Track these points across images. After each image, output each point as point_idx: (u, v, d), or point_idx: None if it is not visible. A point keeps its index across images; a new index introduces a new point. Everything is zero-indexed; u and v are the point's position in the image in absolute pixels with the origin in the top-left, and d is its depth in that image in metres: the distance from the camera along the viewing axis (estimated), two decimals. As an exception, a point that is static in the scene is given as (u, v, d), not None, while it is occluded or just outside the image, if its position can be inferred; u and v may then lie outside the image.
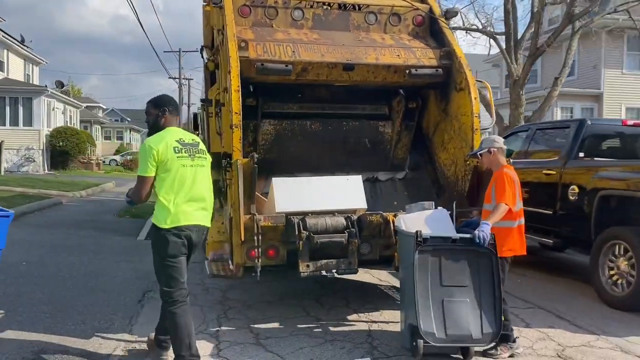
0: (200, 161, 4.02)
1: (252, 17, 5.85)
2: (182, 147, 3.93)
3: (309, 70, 5.55)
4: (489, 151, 4.72)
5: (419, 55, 5.82)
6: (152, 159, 3.82)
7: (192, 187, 3.91)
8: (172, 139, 3.93)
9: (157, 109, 4.11)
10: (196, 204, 3.96)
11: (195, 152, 4.00)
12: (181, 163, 3.88)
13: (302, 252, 4.75)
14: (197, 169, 3.97)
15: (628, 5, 14.23)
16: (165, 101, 4.17)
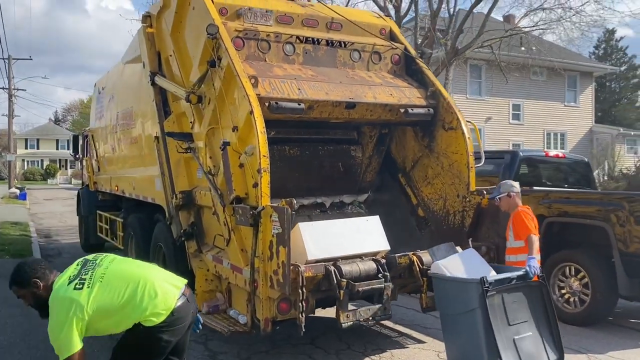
0: (104, 260, 3.41)
1: (245, 50, 5.53)
2: (79, 278, 3.22)
3: (314, 108, 5.41)
4: (508, 195, 5.05)
5: (409, 95, 6.00)
6: (77, 325, 3.08)
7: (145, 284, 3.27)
8: (70, 288, 3.17)
9: (27, 287, 3.29)
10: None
11: (91, 265, 3.34)
12: (100, 281, 3.22)
13: (343, 301, 4.59)
14: (117, 265, 3.40)
15: (492, 41, 16.03)
16: (26, 273, 3.31)
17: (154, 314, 3.22)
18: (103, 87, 10.57)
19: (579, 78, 29.71)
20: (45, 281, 3.29)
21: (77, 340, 3.09)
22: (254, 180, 4.76)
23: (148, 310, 3.21)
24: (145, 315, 3.20)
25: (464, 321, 4.52)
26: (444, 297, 4.76)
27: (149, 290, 3.25)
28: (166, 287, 3.34)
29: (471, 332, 4.41)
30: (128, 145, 8.50)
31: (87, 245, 11.98)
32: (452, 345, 4.76)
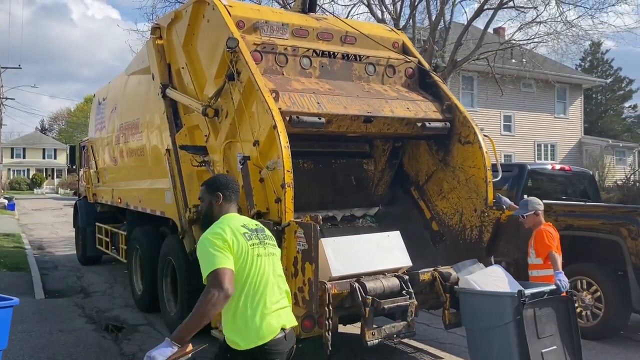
0: (272, 249, 3.15)
1: (263, 63, 5.49)
2: (250, 232, 3.05)
3: (333, 122, 5.37)
4: (535, 213, 5.07)
5: (424, 108, 5.98)
6: (224, 246, 2.87)
7: (271, 282, 3.01)
8: (237, 224, 3.06)
9: (211, 194, 3.23)
10: (277, 304, 3.01)
11: (264, 237, 3.14)
12: (256, 252, 2.99)
13: (368, 319, 4.53)
14: (271, 258, 3.10)
15: (488, 54, 16.17)
16: (220, 184, 3.28)
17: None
18: (104, 98, 10.47)
19: (568, 90, 30.10)
20: (225, 204, 3.19)
21: (224, 259, 2.83)
22: (276, 196, 4.70)
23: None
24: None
25: (496, 335, 4.50)
26: (473, 311, 4.74)
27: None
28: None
29: (503, 346, 4.39)
30: (133, 157, 8.40)
31: (85, 257, 11.81)
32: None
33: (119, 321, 7.39)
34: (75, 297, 8.93)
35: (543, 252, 5.02)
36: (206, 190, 3.26)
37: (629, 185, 17.30)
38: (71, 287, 9.70)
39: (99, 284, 9.92)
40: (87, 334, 6.78)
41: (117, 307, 8.17)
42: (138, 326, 7.17)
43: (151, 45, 7.18)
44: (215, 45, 5.74)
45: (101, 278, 10.48)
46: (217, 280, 2.76)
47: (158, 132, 7.25)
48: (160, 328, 7.00)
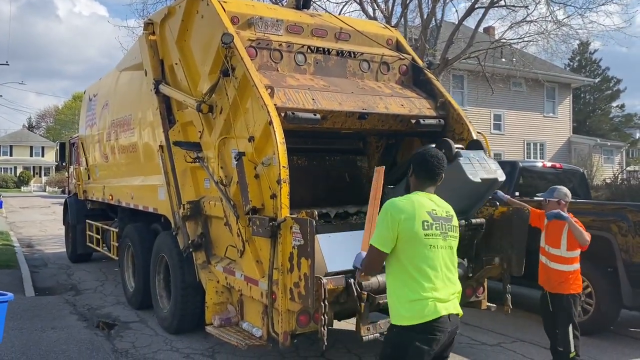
0: (452, 241, 3.12)
1: (258, 59, 5.48)
2: (433, 222, 3.03)
3: (328, 118, 5.38)
4: (559, 202, 5.11)
5: (419, 105, 6.01)
6: (390, 228, 2.98)
7: (441, 273, 3.02)
8: (424, 210, 3.05)
9: (411, 165, 3.29)
10: (444, 295, 3.03)
11: (449, 228, 3.10)
12: (430, 244, 3.01)
13: (364, 314, 4.54)
14: (448, 251, 3.09)
15: (479, 52, 16.25)
16: (419, 158, 3.25)
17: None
18: (95, 94, 10.39)
19: (557, 89, 30.32)
20: (415, 178, 3.24)
21: (387, 240, 3.00)
22: (272, 192, 4.70)
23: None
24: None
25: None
26: None
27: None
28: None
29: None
30: (125, 154, 8.35)
31: (75, 255, 11.72)
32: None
33: (110, 318, 7.36)
34: (66, 294, 8.87)
35: (577, 245, 5.11)
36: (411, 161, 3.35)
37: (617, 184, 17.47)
38: (62, 285, 9.63)
39: (90, 282, 9.86)
40: (79, 331, 6.74)
41: (108, 305, 8.13)
42: (130, 323, 7.14)
43: (144, 41, 7.15)
44: (210, 41, 5.72)
45: (92, 275, 10.42)
46: (370, 256, 3.13)
47: (151, 129, 7.22)
48: (152, 325, 6.97)
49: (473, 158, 5.16)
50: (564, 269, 5.21)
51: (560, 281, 5.23)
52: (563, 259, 5.22)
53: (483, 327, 6.98)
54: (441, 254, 3.04)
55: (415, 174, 3.24)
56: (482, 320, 7.15)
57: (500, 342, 6.38)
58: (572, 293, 5.21)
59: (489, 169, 5.18)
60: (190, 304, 6.29)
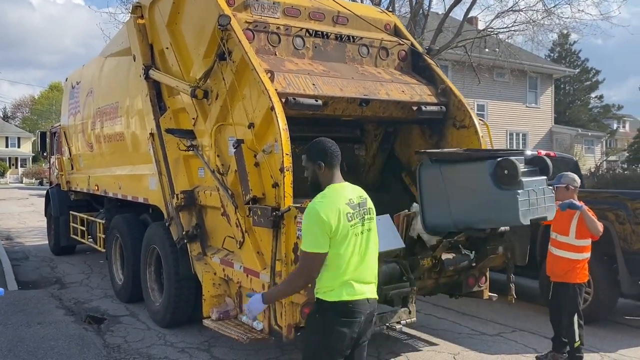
0: (369, 224, 3.17)
1: (255, 43, 5.27)
2: (353, 211, 3.06)
3: (329, 104, 5.21)
4: (567, 187, 5.01)
5: (419, 92, 5.86)
6: (323, 231, 2.94)
7: (363, 257, 3.09)
8: (343, 202, 3.04)
9: (312, 162, 3.20)
10: (366, 277, 3.12)
11: (364, 212, 3.14)
12: (354, 232, 3.05)
13: (370, 305, 4.39)
14: (368, 235, 3.15)
15: (466, 42, 16.16)
16: (319, 150, 3.21)
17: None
18: (77, 82, 10.06)
19: (539, 80, 30.50)
20: (327, 172, 3.17)
21: (319, 244, 2.95)
22: (274, 180, 4.52)
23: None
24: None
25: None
26: None
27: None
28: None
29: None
30: (112, 143, 8.08)
31: (58, 247, 11.40)
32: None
33: (99, 312, 7.12)
34: (51, 288, 8.60)
35: (588, 234, 5.03)
36: (307, 159, 3.24)
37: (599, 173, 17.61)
38: (45, 278, 9.34)
39: (75, 274, 9.58)
40: (68, 326, 6.50)
41: (96, 298, 7.88)
42: (120, 317, 6.92)
43: (132, 25, 6.88)
44: (204, 23, 5.50)
45: (76, 268, 10.13)
46: (309, 263, 3.01)
47: (140, 116, 6.97)
48: (144, 318, 6.76)
49: (534, 190, 4.47)
50: (571, 257, 5.14)
51: (567, 270, 5.16)
52: (571, 246, 5.15)
53: (482, 317, 6.91)
54: (362, 239, 3.10)
55: (327, 166, 3.17)
56: (480, 310, 7.09)
57: (501, 332, 6.31)
58: (577, 282, 5.15)
59: (545, 206, 4.59)
60: (184, 296, 6.10)
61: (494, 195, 4.38)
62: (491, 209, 4.46)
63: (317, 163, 3.17)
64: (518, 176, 4.28)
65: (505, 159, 4.37)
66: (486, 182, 4.40)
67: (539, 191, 4.48)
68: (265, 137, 4.68)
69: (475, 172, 4.54)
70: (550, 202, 4.65)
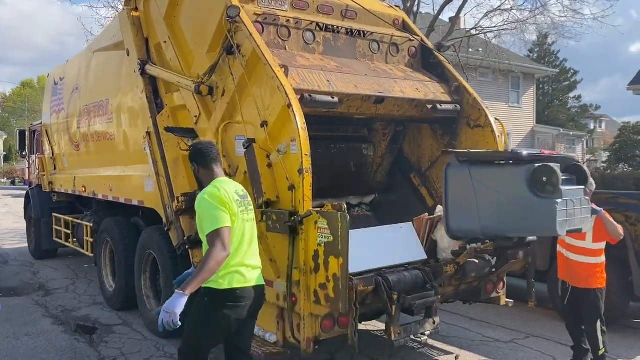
0: (251, 214, 3.58)
1: (264, 36, 4.95)
2: (240, 199, 3.45)
3: (343, 102, 4.92)
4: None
5: (433, 90, 5.62)
6: (224, 207, 3.26)
7: (250, 244, 3.47)
8: (232, 190, 3.43)
9: (191, 163, 3.67)
10: (252, 261, 3.49)
11: (247, 204, 3.55)
12: (242, 218, 3.41)
13: (395, 316, 4.13)
14: (249, 224, 3.52)
15: (455, 41, 16.05)
16: (194, 152, 3.68)
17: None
18: (61, 78, 9.59)
19: (521, 80, 30.63)
20: (204, 169, 3.56)
21: (225, 219, 3.24)
22: (290, 182, 4.22)
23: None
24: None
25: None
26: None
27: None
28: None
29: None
30: (101, 142, 7.67)
31: (39, 251, 10.89)
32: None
33: (90, 321, 6.73)
34: (35, 295, 8.15)
35: (605, 237, 4.85)
36: (190, 160, 3.69)
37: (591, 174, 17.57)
38: (28, 284, 8.87)
39: (59, 280, 9.12)
40: (58, 337, 6.11)
41: (84, 306, 7.47)
42: (113, 326, 6.54)
43: (125, 17, 6.50)
44: (208, 14, 5.18)
45: (60, 273, 9.67)
46: (221, 239, 3.20)
47: (133, 114, 6.60)
48: (139, 328, 6.40)
49: (572, 200, 4.20)
50: (590, 261, 4.96)
51: (587, 275, 4.97)
52: (589, 251, 4.96)
53: (491, 322, 6.71)
54: (248, 227, 3.48)
55: (202, 167, 3.56)
56: (488, 315, 6.89)
57: (514, 339, 6.11)
58: (599, 287, 4.96)
59: (581, 217, 4.31)
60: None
61: (529, 203, 4.11)
62: (525, 217, 4.18)
63: (193, 164, 3.62)
64: (558, 184, 4.03)
65: (545, 165, 4.11)
66: (522, 189, 4.13)
67: (576, 201, 4.23)
68: (279, 136, 4.37)
69: (511, 177, 4.26)
70: (586, 213, 4.38)
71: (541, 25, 16.22)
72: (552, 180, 4.03)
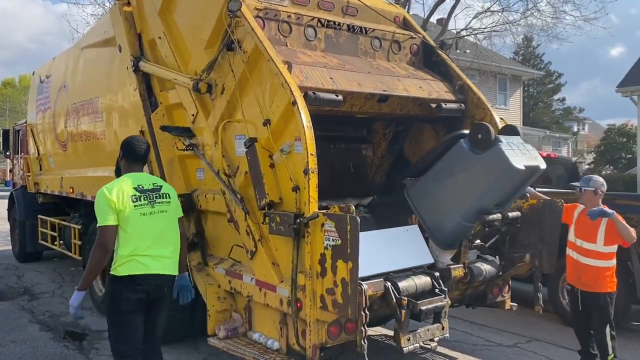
0: (161, 207, 3.82)
1: (265, 32, 4.76)
2: (140, 194, 3.73)
3: (347, 100, 4.75)
4: (595, 192, 4.73)
5: (437, 88, 5.49)
6: (109, 207, 3.61)
7: (153, 235, 3.72)
8: (130, 186, 3.72)
9: (120, 152, 4.01)
10: (155, 252, 3.72)
11: (156, 197, 3.82)
12: (140, 212, 3.69)
13: (404, 322, 3.98)
14: (157, 216, 3.77)
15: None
16: (126, 144, 3.99)
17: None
18: (47, 75, 9.32)
19: (508, 82, 30.73)
20: (125, 161, 3.95)
21: (108, 217, 3.59)
22: (294, 183, 4.05)
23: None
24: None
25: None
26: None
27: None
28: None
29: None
30: (91, 141, 7.43)
31: (23, 254, 10.59)
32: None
33: (79, 327, 6.48)
34: (20, 299, 7.88)
35: (617, 240, 4.76)
36: (120, 150, 4.01)
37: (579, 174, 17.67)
38: (12, 288, 8.58)
39: (45, 284, 8.85)
40: (46, 344, 5.88)
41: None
42: (103, 332, 6.23)
43: (117, 12, 6.28)
44: (206, 9, 5.00)
45: (46, 277, 9.39)
46: (101, 237, 3.59)
47: (126, 112, 6.39)
48: (130, 334, 6.16)
49: (513, 144, 4.63)
50: (600, 264, 4.85)
51: (596, 279, 4.86)
52: (599, 254, 4.85)
53: (491, 325, 6.61)
54: (152, 219, 3.73)
55: (125, 159, 3.93)
56: (487, 319, 6.78)
57: (517, 343, 6.01)
58: (608, 292, 4.86)
59: (530, 156, 4.66)
60: (179, 311, 5.53)
61: (481, 163, 4.44)
62: (486, 178, 4.45)
63: (120, 151, 3.97)
64: (492, 133, 4.43)
65: (474, 124, 4.61)
66: (469, 158, 4.49)
67: (519, 144, 4.64)
68: (283, 135, 4.20)
69: (455, 158, 4.62)
70: (535, 153, 4.73)
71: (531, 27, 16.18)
72: (485, 132, 4.43)
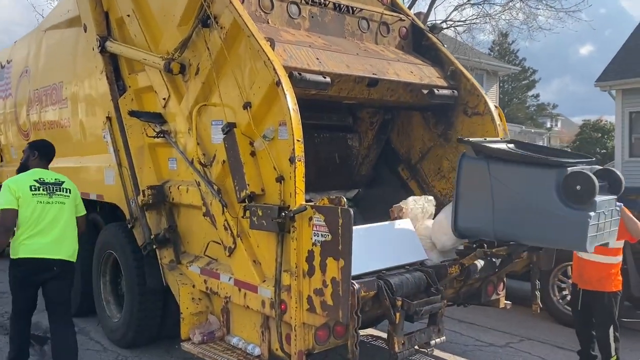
0: (59, 198, 4.34)
1: (245, 7, 4.34)
2: (40, 185, 4.27)
3: (334, 83, 4.37)
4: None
5: (428, 73, 5.14)
6: (10, 194, 4.16)
7: (48, 222, 4.24)
8: (31, 178, 4.29)
9: (30, 150, 4.59)
10: (49, 238, 4.23)
11: (56, 190, 4.35)
12: (37, 200, 4.22)
13: (398, 325, 3.62)
14: (54, 206, 4.29)
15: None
16: (41, 145, 4.70)
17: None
18: (8, 61, 8.71)
19: (485, 77, 30.68)
20: (34, 161, 4.55)
21: (10, 200, 4.17)
22: (278, 173, 3.66)
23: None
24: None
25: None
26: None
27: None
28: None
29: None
30: (54, 130, 6.89)
31: (-16, 251, 9.93)
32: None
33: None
34: (-24, 300, 7.31)
35: (624, 235, 4.43)
36: (28, 147, 4.68)
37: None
38: (-31, 288, 7.99)
39: (5, 283, 8.21)
40: (3, 348, 5.38)
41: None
42: (67, 336, 5.80)
43: (83, -12, 5.78)
44: (179, -17, 4.55)
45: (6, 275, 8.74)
46: (2, 218, 4.15)
47: (92, 97, 5.92)
48: (97, 337, 5.71)
49: (605, 210, 3.69)
50: (605, 260, 4.56)
51: (600, 277, 4.58)
52: (605, 249, 4.51)
53: (481, 324, 6.32)
54: (49, 208, 4.27)
55: (38, 157, 4.53)
56: (477, 317, 6.49)
57: (509, 343, 5.74)
58: (613, 291, 4.58)
59: (610, 230, 3.83)
60: (150, 312, 5.13)
61: (557, 212, 3.57)
62: (549, 227, 3.64)
63: (33, 151, 4.56)
64: (594, 195, 3.49)
65: (580, 171, 3.55)
66: (550, 195, 3.60)
67: (608, 213, 3.72)
68: (265, 120, 3.81)
69: (537, 179, 3.70)
70: (615, 225, 3.90)
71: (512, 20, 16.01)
72: (588, 190, 3.47)
